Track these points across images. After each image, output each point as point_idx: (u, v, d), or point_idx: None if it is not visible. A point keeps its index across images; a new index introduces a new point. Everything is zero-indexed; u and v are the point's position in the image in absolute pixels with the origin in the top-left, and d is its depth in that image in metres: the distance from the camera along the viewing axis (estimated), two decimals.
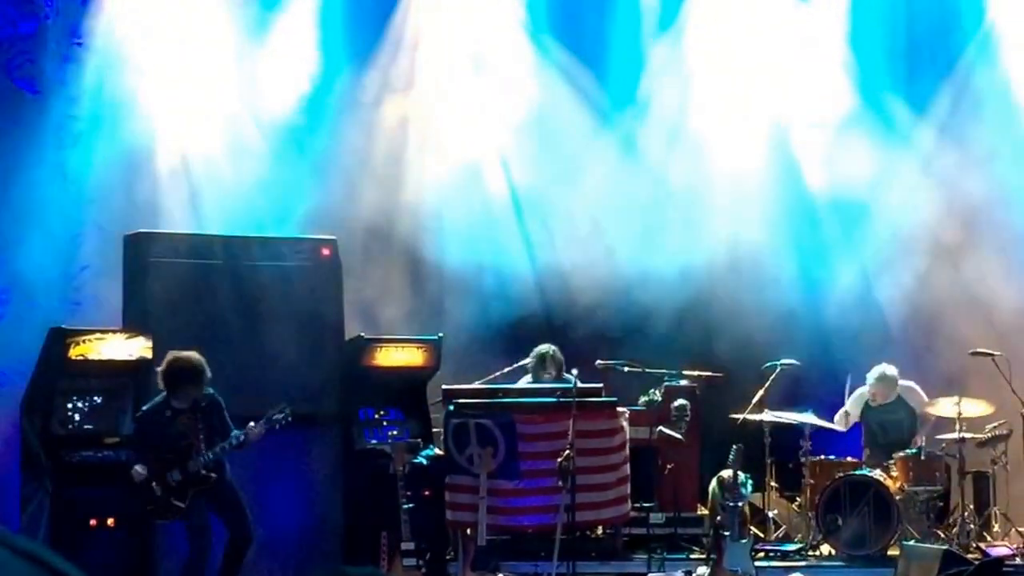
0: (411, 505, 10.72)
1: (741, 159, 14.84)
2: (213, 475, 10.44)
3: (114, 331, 11.27)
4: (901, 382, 13.28)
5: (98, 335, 11.11)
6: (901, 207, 14.67)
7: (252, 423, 10.42)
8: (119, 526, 10.97)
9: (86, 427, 11.11)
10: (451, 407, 11.55)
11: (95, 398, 11.19)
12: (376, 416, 11.62)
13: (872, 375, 13.23)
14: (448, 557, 11.70)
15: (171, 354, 10.42)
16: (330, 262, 12.05)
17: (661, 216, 14.66)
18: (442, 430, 11.57)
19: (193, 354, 10.38)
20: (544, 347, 12.81)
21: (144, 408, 10.58)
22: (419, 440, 11.63)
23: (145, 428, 10.55)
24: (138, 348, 11.11)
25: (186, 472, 10.34)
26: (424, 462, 11.39)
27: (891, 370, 13.20)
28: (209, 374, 10.36)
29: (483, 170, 14.86)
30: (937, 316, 14.39)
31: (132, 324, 11.40)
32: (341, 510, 11.73)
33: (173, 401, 10.42)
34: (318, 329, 11.85)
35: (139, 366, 11.10)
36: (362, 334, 12.10)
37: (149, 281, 11.51)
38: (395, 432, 11.29)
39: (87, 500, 10.92)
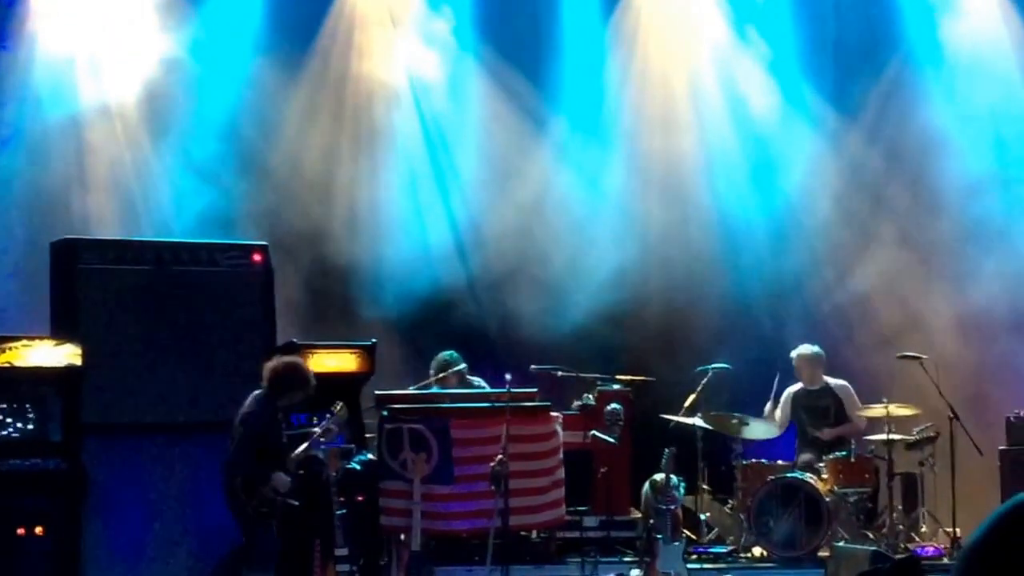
0: (344, 511, 10.67)
1: (673, 165, 14.96)
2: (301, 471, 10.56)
3: (42, 338, 11.14)
4: (834, 380, 13.47)
5: (25, 342, 10.97)
6: (830, 210, 14.85)
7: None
8: (47, 535, 10.83)
9: (14, 435, 10.96)
10: (384, 412, 11.52)
11: (23, 406, 11.04)
12: (309, 421, 11.57)
13: (795, 352, 13.42)
14: (382, 563, 11.66)
15: (280, 359, 10.54)
16: (261, 267, 11.96)
17: (594, 221, 14.75)
18: (376, 435, 11.54)
19: (301, 360, 10.56)
20: (443, 355, 12.86)
21: (251, 410, 10.39)
22: (352, 446, 11.59)
23: (262, 430, 10.43)
24: (67, 355, 10.98)
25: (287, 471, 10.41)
26: (357, 467, 11.34)
27: (813, 348, 13.38)
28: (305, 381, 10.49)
29: (417, 176, 14.90)
30: (865, 319, 14.57)
31: (61, 331, 11.27)
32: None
33: (279, 402, 10.49)
34: (249, 334, 11.76)
35: (68, 373, 10.98)
36: (294, 340, 12.04)
37: (77, 288, 11.37)
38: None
39: (15, 509, 10.78)
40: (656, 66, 15.20)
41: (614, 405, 13.03)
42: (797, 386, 13.55)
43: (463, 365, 12.85)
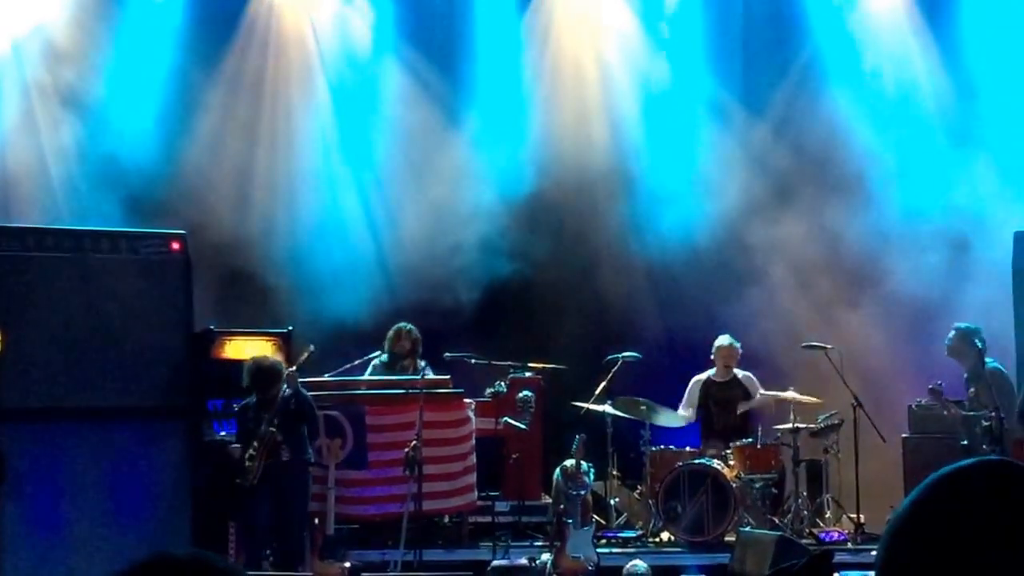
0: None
1: (584, 159, 15.16)
2: (281, 444, 10.84)
3: None
4: (741, 372, 13.70)
5: None
6: (737, 202, 15.09)
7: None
8: None
9: None
10: None
11: None
12: (225, 408, 11.71)
13: (716, 342, 13.68)
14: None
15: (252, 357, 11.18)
16: (180, 256, 12.06)
17: (506, 211, 14.92)
18: None
19: (265, 357, 11.17)
20: (401, 323, 13.05)
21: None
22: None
23: (238, 416, 11.18)
24: None
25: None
26: None
27: (736, 341, 13.68)
28: (279, 374, 10.95)
29: (332, 166, 15.03)
30: (770, 309, 14.82)
31: None
32: (190, 501, 11.77)
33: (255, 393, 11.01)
34: (168, 322, 11.86)
35: None
36: (212, 327, 12.16)
37: None
38: None
39: None
40: (568, 62, 15.39)
41: (526, 392, 13.22)
42: (706, 375, 13.78)
43: (418, 336, 13.04)
